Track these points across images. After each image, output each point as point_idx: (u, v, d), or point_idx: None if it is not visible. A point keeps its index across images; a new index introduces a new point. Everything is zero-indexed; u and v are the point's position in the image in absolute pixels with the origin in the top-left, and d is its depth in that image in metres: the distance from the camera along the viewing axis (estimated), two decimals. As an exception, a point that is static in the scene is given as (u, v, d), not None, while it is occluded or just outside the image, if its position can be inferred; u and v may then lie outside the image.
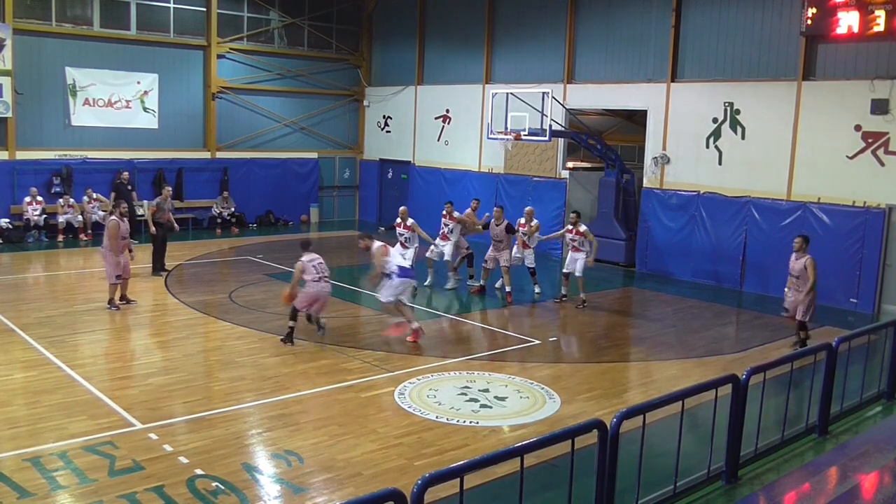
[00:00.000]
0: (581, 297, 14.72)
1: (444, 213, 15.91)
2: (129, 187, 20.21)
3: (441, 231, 15.82)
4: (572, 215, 15.18)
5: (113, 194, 19.73)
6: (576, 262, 14.73)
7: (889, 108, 14.58)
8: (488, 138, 19.27)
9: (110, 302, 13.02)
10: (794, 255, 12.31)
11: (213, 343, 11.66)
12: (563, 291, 15.24)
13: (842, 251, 15.27)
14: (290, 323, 11.31)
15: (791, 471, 6.75)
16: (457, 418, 8.67)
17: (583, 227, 14.77)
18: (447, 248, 15.69)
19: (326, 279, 11.51)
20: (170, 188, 17.26)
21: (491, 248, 15.34)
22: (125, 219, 13.30)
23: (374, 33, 25.74)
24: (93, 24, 20.79)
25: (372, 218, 25.81)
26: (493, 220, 15.44)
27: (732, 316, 14.80)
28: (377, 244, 11.87)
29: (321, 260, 11.61)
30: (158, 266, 16.06)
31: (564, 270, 15.14)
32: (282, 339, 11.31)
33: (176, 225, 16.77)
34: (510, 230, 15.16)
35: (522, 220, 15.50)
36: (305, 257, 11.44)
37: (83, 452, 7.41)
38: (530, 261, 15.55)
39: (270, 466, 7.37)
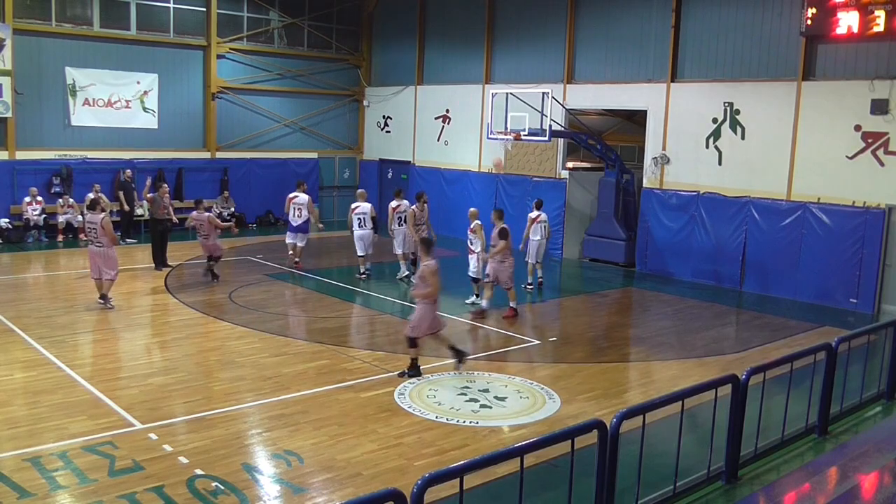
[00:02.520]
0: (473, 300, 14.07)
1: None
2: (134, 186, 20.26)
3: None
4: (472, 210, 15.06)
5: (120, 193, 19.82)
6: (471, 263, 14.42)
7: (889, 109, 14.58)
8: (488, 138, 19.28)
9: (104, 297, 13.16)
10: None
11: (213, 343, 11.65)
12: (474, 300, 14.33)
13: (842, 251, 15.27)
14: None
15: (791, 471, 6.75)
16: (457, 418, 8.67)
17: (474, 224, 14.28)
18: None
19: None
20: (166, 186, 17.58)
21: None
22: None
23: (374, 33, 25.75)
24: (93, 24, 20.79)
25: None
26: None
27: (732, 316, 14.80)
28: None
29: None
30: (159, 262, 16.22)
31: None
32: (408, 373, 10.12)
33: (174, 217, 17.12)
34: (502, 234, 13.88)
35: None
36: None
37: (83, 452, 7.41)
38: (472, 268, 14.41)
39: (270, 466, 7.37)
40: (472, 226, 14.39)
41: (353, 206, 16.34)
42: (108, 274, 13.01)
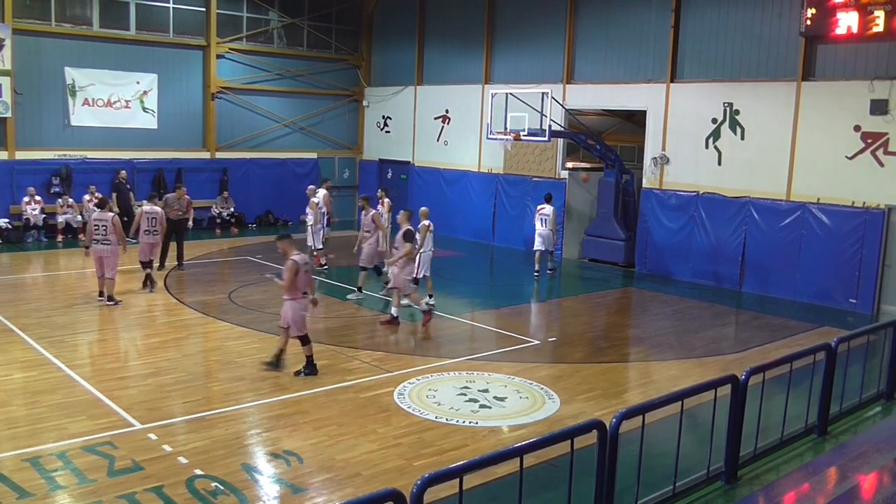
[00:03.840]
0: (425, 299, 13.65)
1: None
2: (128, 186, 20.24)
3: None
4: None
5: (114, 194, 19.78)
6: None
7: (888, 109, 14.58)
8: (488, 138, 19.29)
9: (111, 298, 13.23)
10: None
11: (212, 343, 11.65)
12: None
13: (841, 251, 15.27)
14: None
15: (790, 471, 6.75)
16: (456, 418, 8.67)
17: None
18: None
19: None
20: (184, 188, 17.11)
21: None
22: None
23: (373, 33, 25.74)
24: (92, 24, 20.79)
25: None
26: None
27: (732, 316, 14.80)
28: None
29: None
30: (161, 263, 16.09)
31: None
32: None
33: (190, 219, 16.73)
34: (407, 236, 12.61)
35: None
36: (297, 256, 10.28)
37: (82, 452, 7.41)
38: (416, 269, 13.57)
39: (270, 467, 7.37)
40: (419, 226, 13.73)
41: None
42: (110, 273, 13.11)
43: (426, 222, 13.86)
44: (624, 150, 22.30)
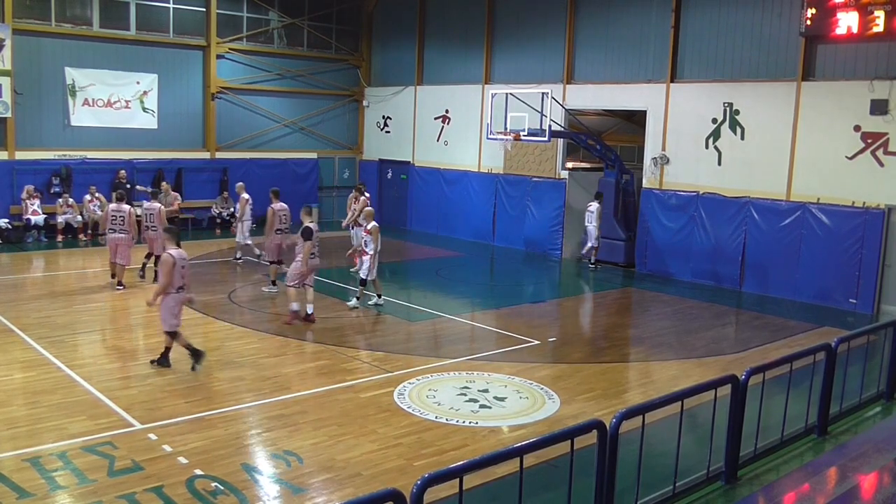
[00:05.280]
0: (355, 302, 13.80)
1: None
2: (128, 186, 20.23)
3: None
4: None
5: (114, 194, 19.75)
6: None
7: (888, 109, 14.58)
8: (488, 138, 19.29)
9: (121, 283, 14.56)
10: None
11: (212, 343, 11.64)
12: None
13: (841, 252, 15.27)
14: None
15: (790, 471, 6.75)
16: (456, 418, 8.67)
17: (370, 225, 13.69)
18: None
19: None
20: (164, 184, 18.25)
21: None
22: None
23: (373, 33, 25.74)
24: (92, 24, 20.79)
25: (371, 218, 25.79)
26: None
27: (732, 316, 14.80)
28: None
29: None
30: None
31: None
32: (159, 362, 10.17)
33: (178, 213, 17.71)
34: (304, 234, 12.57)
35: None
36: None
37: (82, 453, 7.41)
38: (364, 270, 13.81)
39: (270, 467, 7.37)
40: (368, 227, 13.77)
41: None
42: (122, 260, 14.42)
43: (374, 224, 13.69)
44: (624, 150, 22.30)
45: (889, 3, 14.12)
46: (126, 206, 14.64)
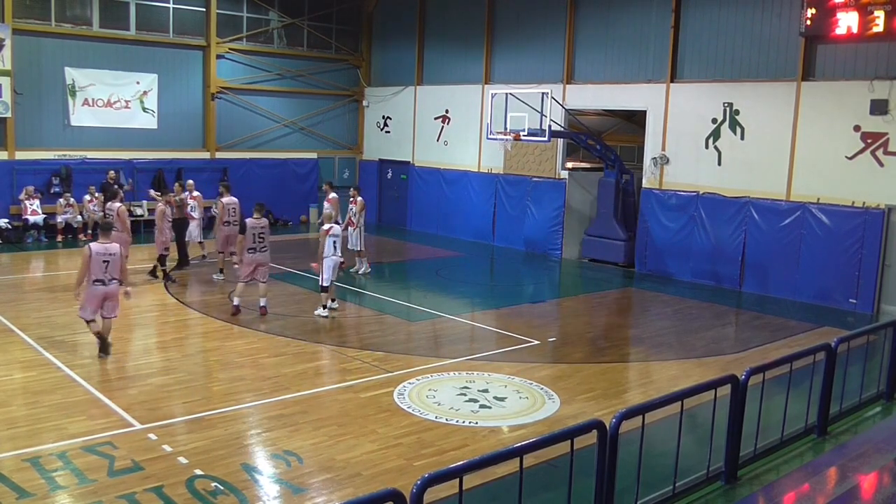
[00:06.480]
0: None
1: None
2: (116, 186, 20.03)
3: (348, 217, 16.65)
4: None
5: (101, 195, 19.76)
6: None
7: (888, 109, 14.58)
8: (488, 138, 19.29)
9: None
10: None
11: (212, 343, 11.65)
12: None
13: (841, 252, 15.27)
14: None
15: (790, 471, 6.75)
16: (456, 418, 8.67)
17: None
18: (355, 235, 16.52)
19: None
20: (178, 184, 17.90)
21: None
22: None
23: (373, 33, 25.74)
24: (92, 24, 20.79)
25: (371, 218, 25.75)
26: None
27: (732, 316, 14.80)
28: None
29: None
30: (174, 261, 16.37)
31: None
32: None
33: (189, 215, 17.24)
34: (241, 228, 13.62)
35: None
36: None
37: (82, 453, 7.41)
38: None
39: (270, 467, 7.37)
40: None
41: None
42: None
43: (327, 226, 13.31)
44: (624, 150, 22.30)
45: (889, 3, 14.12)
46: (116, 204, 14.73)
